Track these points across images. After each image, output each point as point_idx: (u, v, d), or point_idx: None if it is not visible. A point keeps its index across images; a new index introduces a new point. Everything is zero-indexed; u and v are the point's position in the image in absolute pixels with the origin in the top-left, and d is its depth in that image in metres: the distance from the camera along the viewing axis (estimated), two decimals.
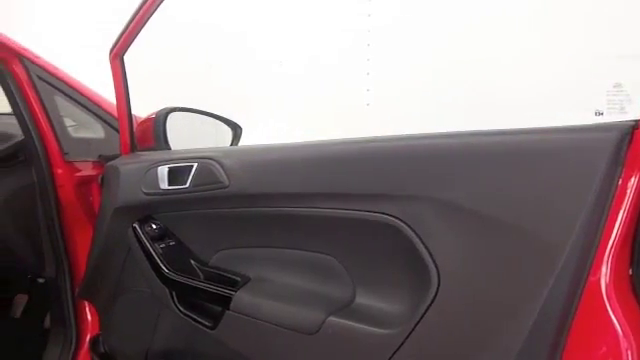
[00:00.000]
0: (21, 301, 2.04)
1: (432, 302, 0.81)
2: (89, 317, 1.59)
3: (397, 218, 0.86)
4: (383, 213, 0.88)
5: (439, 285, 0.80)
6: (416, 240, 0.83)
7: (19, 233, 1.55)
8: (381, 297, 0.94)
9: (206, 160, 1.14)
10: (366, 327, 0.89)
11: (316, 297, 1.01)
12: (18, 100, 1.45)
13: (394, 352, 0.85)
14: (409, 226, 0.84)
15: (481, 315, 0.78)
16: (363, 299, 0.97)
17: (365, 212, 0.90)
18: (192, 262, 1.22)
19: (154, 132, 1.44)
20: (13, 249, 1.55)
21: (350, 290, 0.99)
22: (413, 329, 0.83)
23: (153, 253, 1.21)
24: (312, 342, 0.95)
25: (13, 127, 1.52)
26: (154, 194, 1.23)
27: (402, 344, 0.84)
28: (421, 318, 0.82)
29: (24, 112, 1.45)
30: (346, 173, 0.94)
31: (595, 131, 0.71)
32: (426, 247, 0.82)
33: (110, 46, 1.36)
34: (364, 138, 0.96)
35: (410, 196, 0.85)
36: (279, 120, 3.28)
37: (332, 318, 0.93)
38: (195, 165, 1.16)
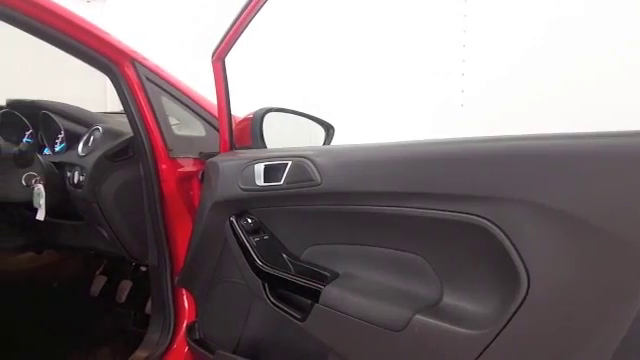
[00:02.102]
0: (126, 287, 2.19)
1: (521, 304, 0.80)
2: (186, 304, 1.66)
3: (487, 219, 0.85)
4: (473, 214, 0.87)
5: (529, 287, 0.79)
6: (506, 242, 0.82)
7: (126, 224, 1.64)
8: (468, 298, 0.94)
9: (300, 158, 1.18)
10: (453, 327, 0.89)
11: (403, 295, 1.02)
12: (129, 101, 1.53)
13: (481, 353, 0.84)
14: (499, 227, 0.84)
15: (572, 317, 0.76)
16: (450, 299, 0.97)
17: (455, 213, 0.91)
18: (284, 256, 1.26)
19: (251, 131, 1.50)
20: (121, 239, 1.65)
21: (437, 290, 0.99)
22: (501, 330, 0.82)
23: (248, 246, 1.26)
24: (398, 339, 0.96)
25: (124, 125, 1.63)
26: (250, 190, 1.28)
27: (489, 345, 0.83)
28: (510, 320, 0.81)
29: (134, 112, 1.54)
30: (437, 173, 0.94)
31: None
32: (516, 249, 0.81)
33: (212, 49, 1.43)
34: (455, 139, 0.96)
35: (501, 198, 0.84)
36: (372, 120, 3.29)
37: (419, 316, 0.94)
38: (289, 163, 1.20)
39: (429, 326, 0.92)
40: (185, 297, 1.67)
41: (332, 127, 1.75)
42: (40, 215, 1.56)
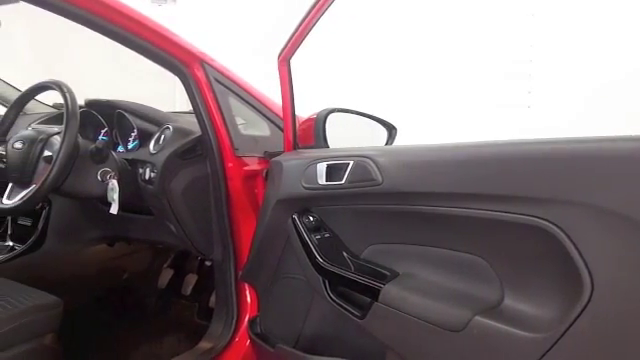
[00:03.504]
0: (191, 281, 2.26)
1: (584, 308, 0.79)
2: (249, 299, 1.70)
3: (550, 222, 0.84)
4: (535, 216, 0.86)
5: (592, 291, 0.78)
6: (569, 245, 0.81)
7: (193, 219, 1.69)
8: (529, 301, 0.93)
9: (362, 158, 1.19)
10: (513, 330, 0.89)
11: (463, 296, 1.02)
12: (198, 101, 1.58)
13: (541, 357, 0.83)
14: (562, 230, 0.82)
15: (637, 324, 0.75)
16: (511, 301, 0.96)
17: (517, 215, 0.90)
18: (344, 254, 1.27)
19: (315, 131, 1.53)
20: (188, 233, 1.71)
21: (497, 292, 0.98)
22: (562, 334, 0.81)
23: (309, 243, 1.28)
24: (456, 340, 0.96)
25: (193, 124, 1.68)
26: (313, 188, 1.30)
27: (550, 349, 0.82)
28: (572, 324, 0.80)
29: (202, 111, 1.58)
30: (499, 175, 0.94)
31: None
32: (579, 252, 0.80)
33: (278, 50, 1.47)
34: (518, 140, 0.95)
35: (564, 200, 0.83)
36: (436, 120, 3.26)
37: (478, 318, 0.94)
38: (351, 163, 1.21)
39: (489, 328, 0.92)
40: (248, 292, 1.70)
41: (394, 128, 1.76)
42: (113, 209, 1.63)
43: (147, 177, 1.67)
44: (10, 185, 1.64)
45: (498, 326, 0.91)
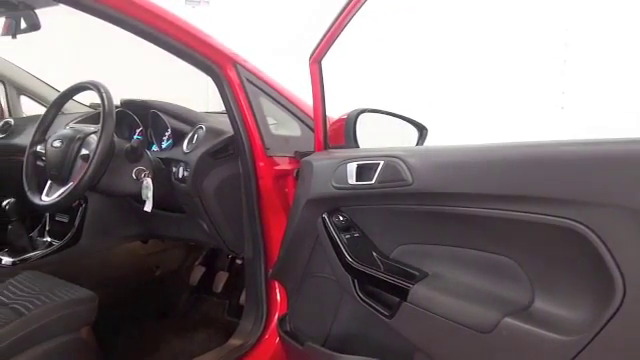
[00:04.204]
0: (222, 278, 2.29)
1: (616, 312, 0.78)
2: (279, 297, 1.72)
3: (582, 224, 0.83)
4: (568, 218, 0.86)
5: (624, 294, 0.77)
6: (602, 248, 0.81)
7: (225, 217, 1.72)
8: (560, 303, 0.92)
9: (392, 158, 1.19)
10: (543, 332, 0.88)
11: (492, 297, 1.02)
12: (230, 101, 1.60)
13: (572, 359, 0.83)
14: (595, 233, 0.82)
15: None
16: (541, 303, 0.95)
17: (549, 216, 0.89)
18: (374, 254, 1.28)
19: (345, 131, 1.53)
20: (219, 231, 1.73)
21: (527, 293, 0.98)
22: (594, 337, 0.80)
23: (339, 243, 1.29)
24: (485, 341, 0.96)
25: (225, 124, 1.70)
26: (343, 188, 1.30)
27: (581, 352, 0.82)
28: (603, 327, 0.79)
29: (235, 112, 1.60)
30: (531, 176, 0.93)
31: None
32: (612, 255, 0.79)
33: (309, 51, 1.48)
34: (551, 141, 0.94)
35: (598, 203, 0.82)
36: (468, 121, 3.24)
37: (508, 319, 0.93)
38: (381, 163, 1.21)
39: (518, 329, 0.91)
40: (277, 290, 1.72)
41: (425, 128, 1.75)
42: (147, 207, 1.67)
43: (180, 176, 1.70)
44: (49, 182, 1.69)
45: (528, 328, 0.90)
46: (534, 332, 0.89)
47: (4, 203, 2.01)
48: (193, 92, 2.81)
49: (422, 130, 1.75)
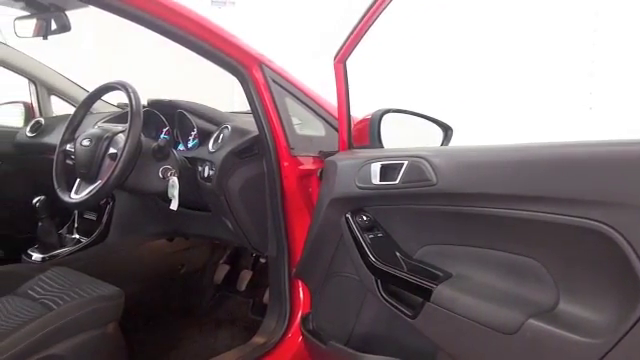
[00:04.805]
0: (246, 277, 2.31)
1: None
2: (302, 296, 1.73)
3: (609, 226, 0.83)
4: (594, 220, 0.85)
5: None
6: (627, 249, 0.79)
7: (249, 216, 1.73)
8: (585, 305, 0.91)
9: (416, 159, 1.19)
10: (568, 334, 0.87)
11: (516, 299, 1.01)
12: (256, 102, 1.61)
13: None
14: (621, 234, 0.81)
15: None
16: (566, 305, 0.94)
17: (575, 218, 0.88)
18: (397, 254, 1.27)
19: (369, 131, 1.53)
20: (244, 230, 1.75)
21: (552, 295, 0.97)
22: (620, 340, 0.79)
23: (362, 242, 1.29)
24: (509, 342, 0.96)
25: (250, 124, 1.71)
26: (366, 188, 1.30)
27: (606, 355, 0.81)
28: (629, 330, 0.78)
29: (260, 112, 1.62)
30: (557, 177, 0.92)
31: None
32: (638, 257, 0.78)
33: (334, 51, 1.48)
34: (577, 142, 0.93)
35: (624, 204, 0.81)
36: (494, 121, 3.21)
37: (532, 321, 0.93)
38: (405, 163, 1.21)
39: (542, 331, 0.91)
40: (301, 288, 1.73)
41: (450, 128, 1.74)
42: (174, 205, 1.69)
43: (206, 175, 1.72)
44: (78, 180, 1.72)
45: (552, 330, 0.90)
46: (558, 334, 0.89)
47: (34, 201, 2.05)
48: (218, 92, 2.84)
49: (447, 130, 1.73)
